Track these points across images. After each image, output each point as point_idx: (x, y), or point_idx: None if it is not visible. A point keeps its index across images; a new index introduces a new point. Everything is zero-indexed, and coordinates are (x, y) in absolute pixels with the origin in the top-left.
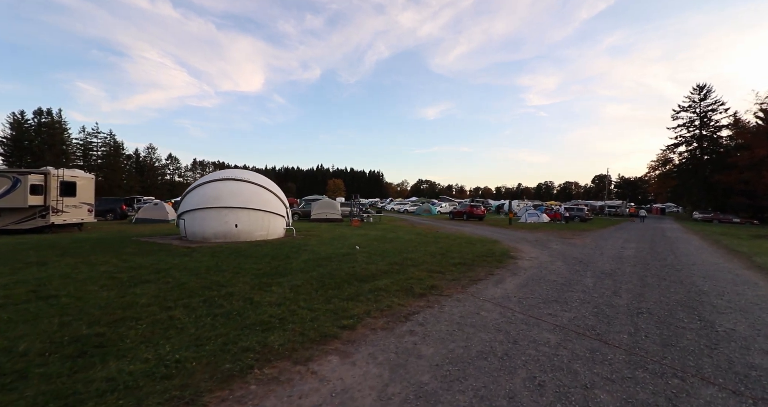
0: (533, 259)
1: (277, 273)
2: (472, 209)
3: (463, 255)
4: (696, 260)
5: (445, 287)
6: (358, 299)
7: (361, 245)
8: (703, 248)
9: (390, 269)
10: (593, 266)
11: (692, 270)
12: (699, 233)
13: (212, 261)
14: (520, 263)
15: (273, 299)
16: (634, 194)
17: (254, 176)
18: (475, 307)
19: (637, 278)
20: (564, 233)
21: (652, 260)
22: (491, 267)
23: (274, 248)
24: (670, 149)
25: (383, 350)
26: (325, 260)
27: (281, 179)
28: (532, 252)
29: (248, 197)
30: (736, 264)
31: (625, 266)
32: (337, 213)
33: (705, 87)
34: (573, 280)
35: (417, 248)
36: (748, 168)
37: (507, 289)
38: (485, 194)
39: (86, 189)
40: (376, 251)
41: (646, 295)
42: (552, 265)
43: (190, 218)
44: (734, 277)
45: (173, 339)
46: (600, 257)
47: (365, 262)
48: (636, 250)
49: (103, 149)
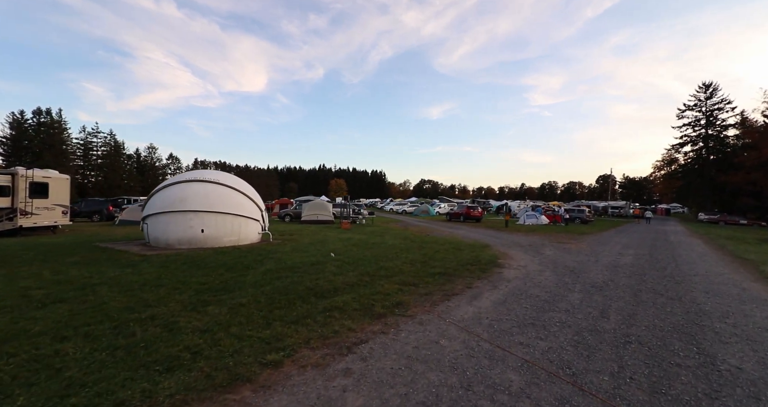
0: (521, 268)
1: (224, 289)
2: (469, 210)
3: (445, 263)
4: (698, 269)
5: (413, 304)
6: (305, 322)
7: (339, 250)
8: (707, 254)
9: (358, 282)
10: (584, 277)
11: (693, 283)
12: (704, 237)
13: (156, 273)
14: (505, 273)
15: (201, 323)
16: (639, 194)
17: (225, 178)
18: (436, 333)
19: (630, 293)
20: (561, 236)
21: (650, 270)
22: (472, 278)
23: (238, 257)
24: (675, 148)
25: (299, 403)
26: (288, 271)
27: (283, 178)
28: (522, 259)
29: (217, 200)
30: (742, 275)
31: (620, 278)
32: (328, 215)
33: (711, 85)
34: (558, 295)
35: (398, 254)
36: (755, 168)
37: (481, 308)
38: (488, 195)
39: (60, 190)
40: (351, 259)
41: (638, 316)
42: (539, 275)
43: (154, 222)
44: (740, 292)
45: (36, 386)
46: (594, 265)
47: (333, 273)
48: (634, 257)
49: (103, 148)
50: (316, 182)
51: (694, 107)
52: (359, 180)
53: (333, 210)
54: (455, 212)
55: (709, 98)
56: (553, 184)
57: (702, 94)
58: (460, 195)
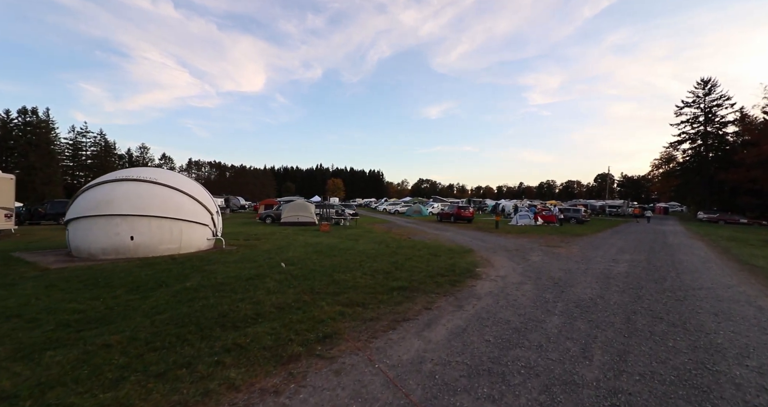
0: (498, 279)
1: (103, 319)
2: (460, 210)
3: (413, 274)
4: (703, 281)
5: (347, 335)
6: (176, 373)
7: (296, 259)
8: (710, 260)
9: (293, 303)
10: (569, 293)
11: (699, 299)
12: (705, 239)
13: (29, 296)
14: (478, 287)
15: (9, 384)
16: (637, 193)
17: (166, 176)
18: (352, 390)
19: (622, 317)
20: (552, 239)
21: (647, 282)
22: (437, 294)
23: (163, 270)
24: (673, 146)
25: None
26: (210, 290)
27: (281, 178)
28: (503, 267)
29: (152, 202)
30: (755, 288)
31: (611, 293)
32: (309, 216)
33: (710, 81)
34: (534, 320)
35: (362, 264)
36: (755, 166)
37: (431, 342)
38: (486, 194)
39: (1, 192)
40: (302, 271)
41: (630, 356)
42: (517, 290)
43: (75, 228)
44: (757, 313)
45: None
46: (583, 275)
47: (268, 291)
48: (630, 264)
49: (92, 148)
50: (314, 182)
51: (693, 104)
52: (357, 180)
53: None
54: (446, 212)
55: (708, 95)
56: (552, 183)
57: (700, 90)
58: (458, 195)
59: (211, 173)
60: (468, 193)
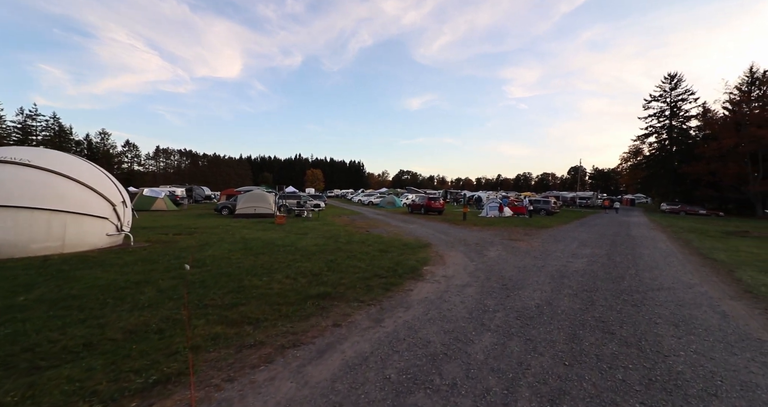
0: (442, 280)
1: None
2: (430, 202)
3: (345, 276)
4: (663, 279)
5: (191, 378)
6: None
7: (218, 257)
8: (671, 254)
9: (154, 325)
10: (515, 298)
11: (657, 304)
12: (667, 230)
13: None
14: (413, 293)
15: None
16: (607, 185)
17: (43, 157)
18: None
19: (567, 333)
20: (517, 231)
21: (603, 281)
22: (361, 303)
23: (1, 278)
24: (640, 139)
25: None
26: (47, 307)
27: (257, 168)
28: (455, 265)
29: (20, 190)
30: (717, 288)
31: (561, 298)
32: (268, 207)
33: (676, 76)
34: (459, 341)
35: (294, 263)
36: (715, 159)
37: (308, 383)
38: (466, 185)
39: None
40: (209, 275)
41: (565, 399)
42: (458, 295)
43: None
44: (722, 323)
45: None
46: (537, 274)
47: (136, 306)
48: (588, 260)
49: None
50: (292, 173)
51: (660, 98)
52: (337, 170)
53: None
54: (416, 203)
55: (674, 89)
56: (528, 175)
57: (667, 85)
58: (438, 186)
59: (181, 161)
60: (447, 184)
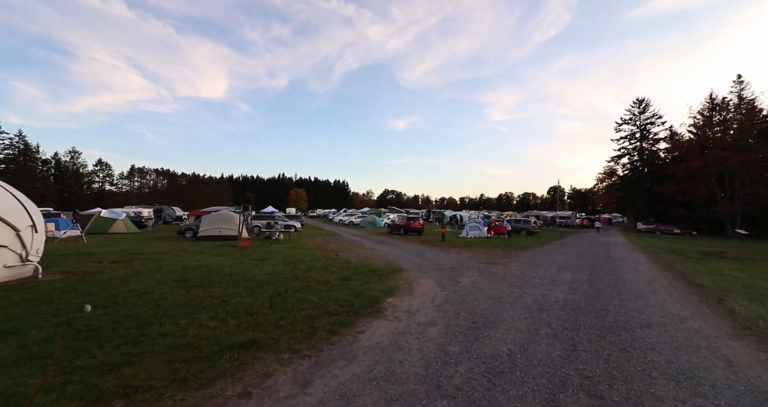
0: (403, 317)
1: None
2: (410, 222)
3: (289, 314)
4: (651, 311)
5: None
6: None
7: (139, 292)
8: (655, 279)
9: None
10: (484, 342)
11: (649, 348)
12: (646, 251)
13: None
14: (363, 337)
15: None
16: (584, 204)
17: None
18: None
19: (544, 397)
20: (496, 253)
21: (586, 316)
22: (293, 354)
23: None
24: (614, 160)
25: None
26: None
27: (239, 188)
28: (421, 296)
29: None
30: (711, 323)
31: (539, 341)
32: (233, 229)
33: (644, 101)
34: None
35: (232, 297)
36: (685, 180)
37: None
38: (450, 205)
39: None
40: (113, 317)
41: None
42: (417, 339)
43: None
44: (729, 375)
45: None
46: (512, 307)
47: None
48: (569, 287)
49: (7, 152)
50: (275, 192)
51: (630, 121)
52: (321, 190)
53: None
54: (396, 223)
55: (643, 113)
56: (510, 195)
57: (636, 109)
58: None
59: (158, 181)
60: (432, 204)
